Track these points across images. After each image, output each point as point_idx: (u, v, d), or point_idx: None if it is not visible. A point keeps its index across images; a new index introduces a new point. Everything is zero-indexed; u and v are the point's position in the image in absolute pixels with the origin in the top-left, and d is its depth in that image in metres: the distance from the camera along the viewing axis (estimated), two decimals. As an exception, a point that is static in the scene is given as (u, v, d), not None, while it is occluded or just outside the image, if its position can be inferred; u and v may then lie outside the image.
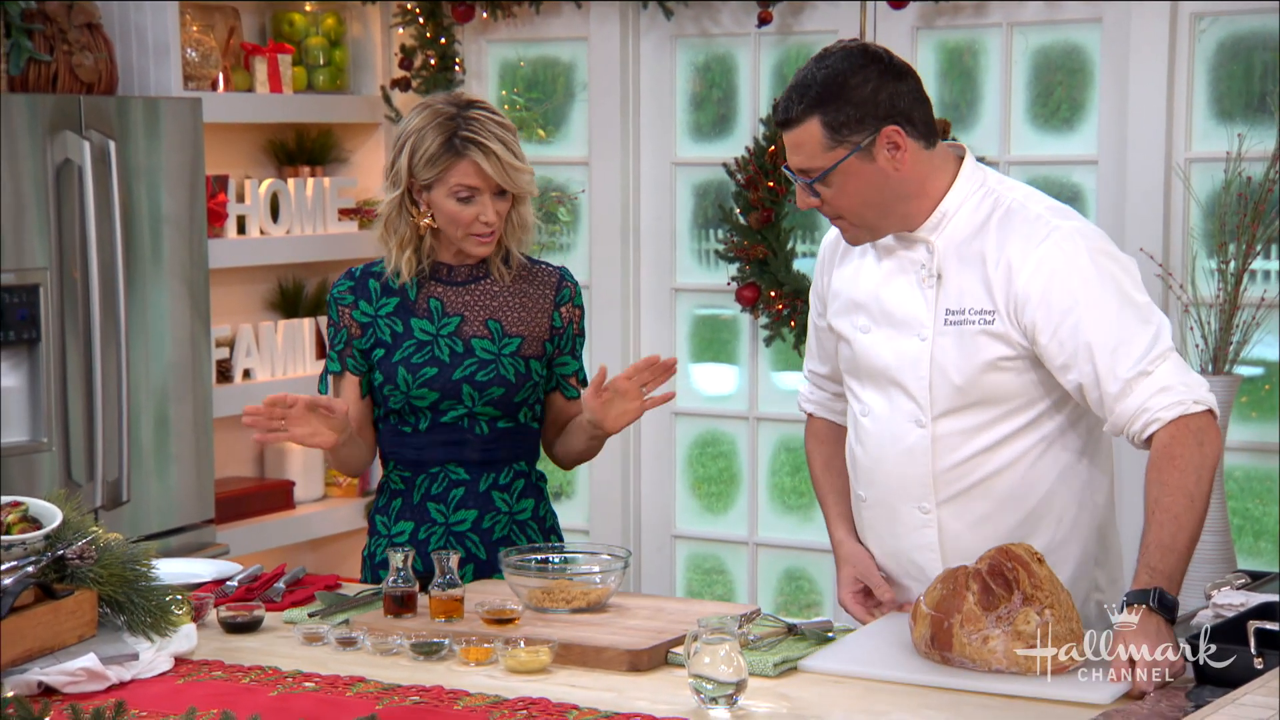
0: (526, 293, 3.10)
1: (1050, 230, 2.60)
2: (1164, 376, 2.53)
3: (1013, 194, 2.67)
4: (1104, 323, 2.54)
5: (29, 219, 4.02)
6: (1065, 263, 2.56)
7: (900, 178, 2.61)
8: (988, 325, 2.60)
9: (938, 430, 2.65)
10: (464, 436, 3.05)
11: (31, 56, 4.25)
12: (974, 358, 2.61)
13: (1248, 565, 4.29)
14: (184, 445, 4.40)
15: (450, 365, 3.03)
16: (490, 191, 2.99)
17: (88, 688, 2.39)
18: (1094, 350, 2.53)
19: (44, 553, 2.56)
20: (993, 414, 2.63)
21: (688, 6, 4.88)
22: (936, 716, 2.27)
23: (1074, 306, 2.54)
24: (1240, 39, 4.39)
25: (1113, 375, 2.53)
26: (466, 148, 2.97)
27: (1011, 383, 2.62)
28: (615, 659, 2.50)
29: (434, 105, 3.03)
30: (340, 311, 3.08)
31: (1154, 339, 2.54)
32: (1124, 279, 2.58)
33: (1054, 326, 2.55)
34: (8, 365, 4.04)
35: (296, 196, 5.00)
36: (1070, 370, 2.56)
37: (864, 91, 2.57)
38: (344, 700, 2.35)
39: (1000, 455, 2.65)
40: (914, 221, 2.65)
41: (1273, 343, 4.41)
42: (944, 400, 2.64)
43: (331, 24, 5.21)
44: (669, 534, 5.13)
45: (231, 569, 3.05)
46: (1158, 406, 2.52)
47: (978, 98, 4.70)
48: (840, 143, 2.57)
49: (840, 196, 2.61)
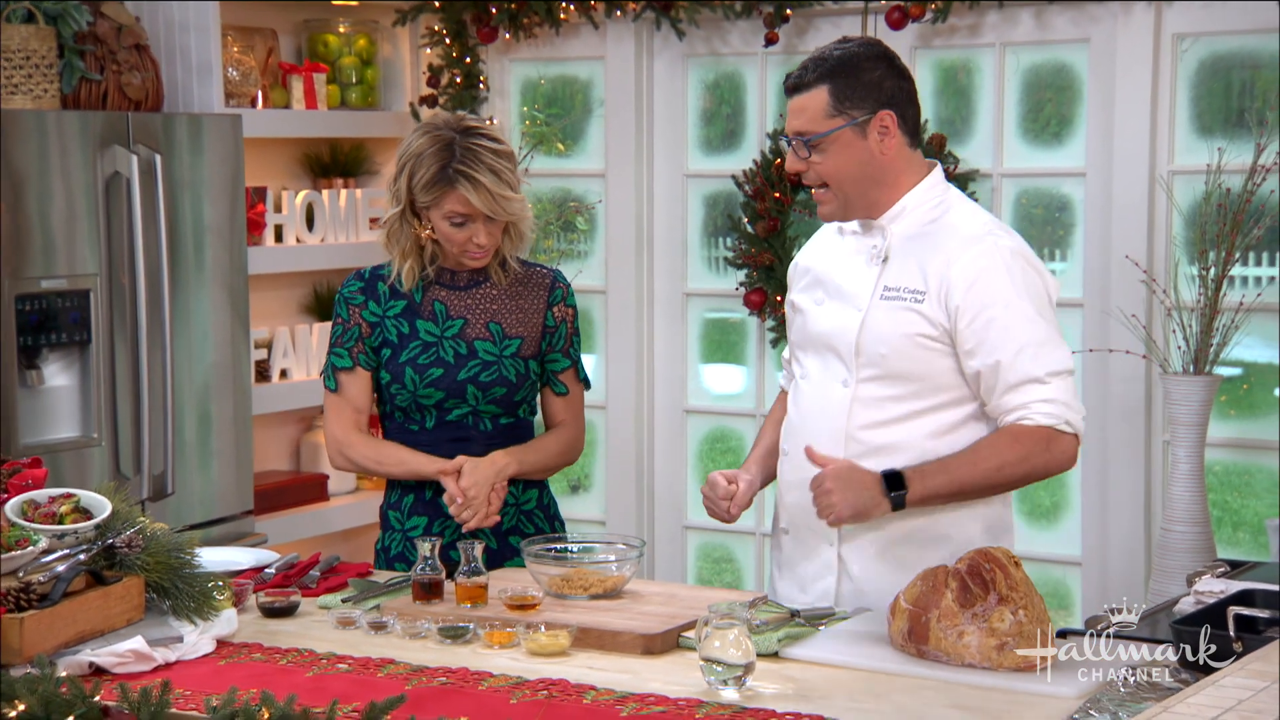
0: (523, 295, 3.10)
1: (990, 238, 2.74)
2: (1054, 391, 2.68)
3: (964, 206, 2.83)
4: (1019, 324, 2.68)
5: (80, 228, 4.03)
6: (997, 266, 2.70)
7: (882, 162, 2.74)
8: (917, 304, 2.72)
9: (859, 393, 2.77)
10: (469, 433, 3.05)
11: (83, 76, 4.26)
12: (899, 329, 2.72)
13: (1227, 555, 4.28)
14: (225, 441, 4.40)
15: (455, 366, 3.03)
16: (482, 218, 2.98)
17: (135, 668, 2.39)
18: (1003, 344, 2.66)
19: (95, 541, 2.57)
20: (908, 389, 2.74)
21: (699, 28, 4.87)
22: (934, 699, 2.27)
23: (995, 303, 2.68)
24: (1220, 58, 4.38)
25: (1014, 369, 2.66)
26: (457, 179, 2.95)
27: (931, 362, 2.73)
28: (630, 643, 2.50)
29: (433, 131, 3.00)
30: (350, 310, 3.08)
31: (1059, 358, 2.70)
32: (1044, 298, 2.74)
33: (973, 315, 2.68)
34: (60, 365, 4.05)
35: (330, 207, 5.00)
36: (975, 357, 2.69)
37: (872, 76, 2.72)
38: (375, 681, 2.35)
39: (906, 427, 2.74)
40: (878, 210, 2.78)
41: (1251, 344, 4.39)
42: (868, 366, 2.76)
43: (363, 45, 5.21)
44: (680, 525, 5.12)
45: (269, 557, 3.05)
46: (1036, 411, 2.67)
47: (972, 113, 4.69)
48: (841, 113, 2.72)
49: (827, 163, 2.74)
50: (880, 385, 2.75)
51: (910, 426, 2.74)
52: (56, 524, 2.59)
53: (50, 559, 2.51)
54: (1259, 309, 4.25)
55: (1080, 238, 4.56)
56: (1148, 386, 4.42)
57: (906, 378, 2.73)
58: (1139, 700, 2.20)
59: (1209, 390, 4.17)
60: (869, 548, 2.78)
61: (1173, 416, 4.22)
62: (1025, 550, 4.42)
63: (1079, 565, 4.59)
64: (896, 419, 2.74)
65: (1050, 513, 4.73)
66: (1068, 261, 4.64)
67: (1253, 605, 2.43)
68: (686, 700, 2.25)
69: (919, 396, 2.73)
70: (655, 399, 5.10)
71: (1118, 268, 4.40)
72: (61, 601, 2.40)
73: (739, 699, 2.26)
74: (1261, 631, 2.35)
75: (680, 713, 2.20)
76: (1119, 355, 4.39)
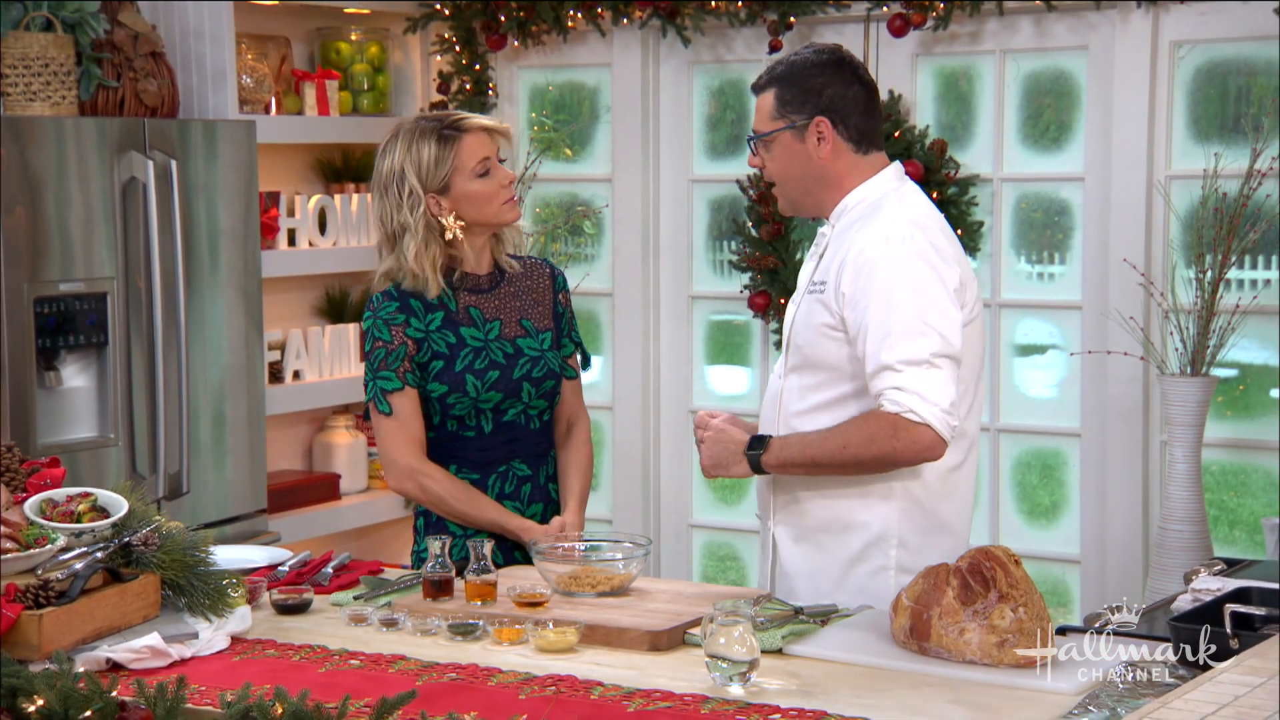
0: (534, 289, 3.11)
1: (891, 225, 2.73)
2: (906, 380, 2.63)
3: (899, 202, 2.80)
4: (887, 313, 2.66)
5: (97, 232, 4.03)
6: (884, 253, 2.69)
7: (820, 165, 2.81)
8: (820, 294, 2.78)
9: (787, 383, 2.86)
10: (521, 433, 3.05)
11: (100, 83, 4.26)
12: (811, 320, 2.79)
13: (1224, 553, 4.28)
14: (239, 440, 4.41)
15: (508, 366, 3.02)
16: (496, 156, 3.01)
17: (152, 664, 2.39)
18: (871, 331, 2.68)
19: (112, 540, 2.57)
20: (819, 378, 2.79)
21: (704, 35, 4.87)
22: (936, 694, 2.26)
23: (871, 289, 2.68)
24: (1217, 65, 4.37)
25: (875, 356, 2.67)
26: (460, 128, 2.98)
27: (835, 352, 2.76)
28: (637, 639, 2.50)
29: (404, 128, 3.01)
30: (392, 331, 2.99)
31: (920, 346, 2.64)
32: (931, 288, 2.68)
33: (854, 302, 2.71)
34: (78, 367, 4.06)
35: (343, 211, 5.00)
36: (855, 343, 2.73)
37: (814, 83, 2.80)
38: (386, 676, 2.35)
39: (826, 415, 2.77)
40: (826, 209, 2.86)
41: (1247, 346, 4.39)
42: (794, 356, 2.84)
43: (375, 52, 5.22)
44: (686, 523, 5.12)
45: (282, 555, 3.05)
46: (885, 398, 2.65)
47: (973, 119, 4.69)
48: (782, 116, 2.81)
49: (771, 162, 2.85)
50: (800, 375, 2.83)
51: (825, 417, 2.77)
52: (74, 522, 2.60)
53: (68, 557, 2.51)
54: (1255, 311, 4.25)
55: (1079, 241, 4.56)
56: (1145, 388, 4.42)
57: (818, 367, 2.80)
58: (1137, 696, 2.19)
59: (1206, 391, 4.17)
60: (792, 531, 2.87)
61: (1170, 417, 4.21)
62: (1025, 549, 4.42)
63: (1078, 563, 4.59)
64: (815, 407, 2.80)
65: (1049, 512, 4.72)
66: (1066, 265, 4.63)
67: (1249, 603, 2.43)
68: (692, 696, 2.25)
69: (830, 385, 2.78)
70: (661, 400, 5.10)
71: (1116, 271, 4.40)
72: (79, 599, 2.40)
73: (744, 695, 2.26)
74: (1258, 629, 2.35)
75: (686, 708, 2.20)
76: (1117, 357, 4.39)
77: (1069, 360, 4.61)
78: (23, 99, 4.12)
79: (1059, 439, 4.66)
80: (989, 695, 2.26)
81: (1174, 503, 4.19)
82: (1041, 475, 4.74)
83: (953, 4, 4.48)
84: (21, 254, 3.87)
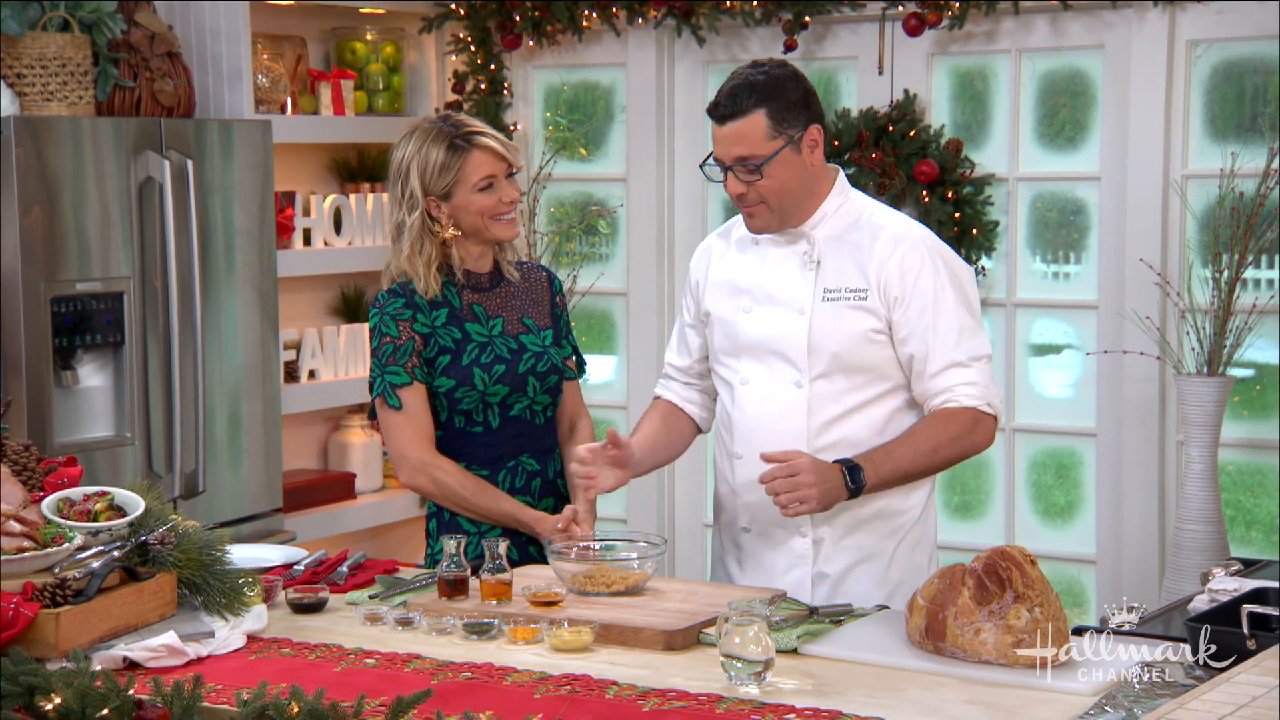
0: (533, 290, 3.14)
1: (913, 234, 2.90)
2: (976, 375, 2.86)
3: (876, 205, 2.97)
4: (945, 314, 2.85)
5: (114, 232, 4.04)
6: (925, 259, 2.86)
7: (813, 173, 2.89)
8: (861, 301, 2.87)
9: (813, 390, 2.89)
10: (527, 428, 3.06)
11: (117, 83, 4.27)
12: (848, 327, 2.87)
13: (1240, 553, 4.26)
14: (254, 440, 4.42)
15: (514, 361, 3.04)
16: (504, 174, 3.00)
17: (168, 662, 2.40)
18: (934, 331, 2.83)
19: (128, 538, 2.58)
20: (859, 380, 2.89)
21: (719, 35, 4.87)
22: (951, 695, 2.26)
23: (925, 292, 2.84)
24: (1233, 64, 4.36)
25: (940, 355, 2.84)
26: (470, 142, 2.99)
27: (879, 354, 2.88)
28: (652, 639, 2.50)
29: (417, 129, 3.03)
30: (400, 326, 3.02)
31: (980, 343, 2.88)
32: (966, 286, 2.91)
33: (907, 304, 2.85)
34: (94, 366, 4.07)
35: (358, 211, 5.01)
36: (908, 343, 2.85)
37: (796, 94, 2.86)
38: (402, 675, 2.36)
39: (862, 415, 2.89)
40: (804, 218, 2.91)
41: (1264, 346, 4.37)
42: (820, 365, 2.89)
43: (390, 52, 5.22)
44: (700, 523, 5.12)
45: (298, 554, 3.06)
46: (961, 394, 2.84)
47: (988, 118, 4.68)
48: (780, 134, 2.84)
49: (771, 183, 2.85)
50: (833, 381, 2.88)
51: (861, 417, 2.89)
52: (91, 521, 2.61)
53: (85, 555, 2.52)
54: (1272, 311, 4.23)
55: (1095, 241, 4.55)
56: (1162, 387, 4.41)
57: (859, 370, 2.88)
58: (1154, 697, 2.19)
59: (1222, 391, 4.15)
60: (836, 536, 2.93)
61: (1186, 417, 4.20)
62: (1041, 549, 4.42)
63: (1094, 563, 4.58)
64: (851, 409, 2.89)
65: (1065, 511, 4.71)
66: (1082, 264, 4.62)
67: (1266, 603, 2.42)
68: (707, 695, 2.25)
69: (870, 385, 2.89)
70: (676, 399, 5.09)
71: (1132, 270, 4.39)
72: (96, 597, 2.41)
73: (759, 694, 2.26)
74: (1275, 629, 2.34)
75: (701, 708, 2.20)
76: (1133, 356, 4.37)
77: (1085, 360, 4.60)
78: (40, 99, 4.13)
79: (1075, 439, 4.65)
80: (1005, 695, 2.25)
81: (1190, 503, 4.18)
82: (1057, 475, 4.72)
83: (968, 3, 4.47)
84: (38, 253, 3.88)
